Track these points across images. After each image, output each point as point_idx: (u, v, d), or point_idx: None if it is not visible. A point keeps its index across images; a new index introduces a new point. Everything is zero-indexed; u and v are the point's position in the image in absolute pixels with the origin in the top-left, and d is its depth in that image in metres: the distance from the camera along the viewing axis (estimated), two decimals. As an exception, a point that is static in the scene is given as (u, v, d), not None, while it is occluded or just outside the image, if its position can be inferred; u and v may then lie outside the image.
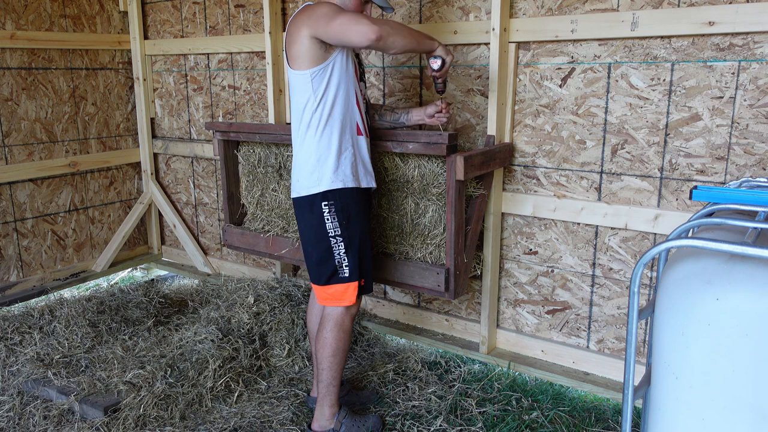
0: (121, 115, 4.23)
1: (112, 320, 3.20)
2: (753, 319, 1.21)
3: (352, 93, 2.24)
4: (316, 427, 2.36)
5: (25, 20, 3.63)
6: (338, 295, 2.27)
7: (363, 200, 2.31)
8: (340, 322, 2.29)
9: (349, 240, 2.24)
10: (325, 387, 2.34)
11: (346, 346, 2.32)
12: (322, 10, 2.11)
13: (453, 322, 3.12)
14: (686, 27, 2.28)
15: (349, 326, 2.31)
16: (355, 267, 2.26)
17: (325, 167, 2.20)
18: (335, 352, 2.30)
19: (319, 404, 2.36)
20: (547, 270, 2.83)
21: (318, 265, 2.28)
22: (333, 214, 2.21)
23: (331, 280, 2.26)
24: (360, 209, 2.27)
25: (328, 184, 2.20)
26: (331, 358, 2.30)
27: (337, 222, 2.22)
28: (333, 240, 2.23)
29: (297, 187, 2.28)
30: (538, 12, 2.63)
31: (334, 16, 2.07)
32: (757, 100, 2.23)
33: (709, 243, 1.26)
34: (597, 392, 2.64)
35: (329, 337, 2.29)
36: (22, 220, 3.74)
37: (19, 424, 2.50)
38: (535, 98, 2.71)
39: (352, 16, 2.08)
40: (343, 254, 2.24)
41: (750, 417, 1.24)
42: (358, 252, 2.26)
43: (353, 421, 2.37)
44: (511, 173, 2.83)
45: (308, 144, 2.22)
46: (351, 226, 2.24)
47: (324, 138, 2.19)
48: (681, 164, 2.41)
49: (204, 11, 3.84)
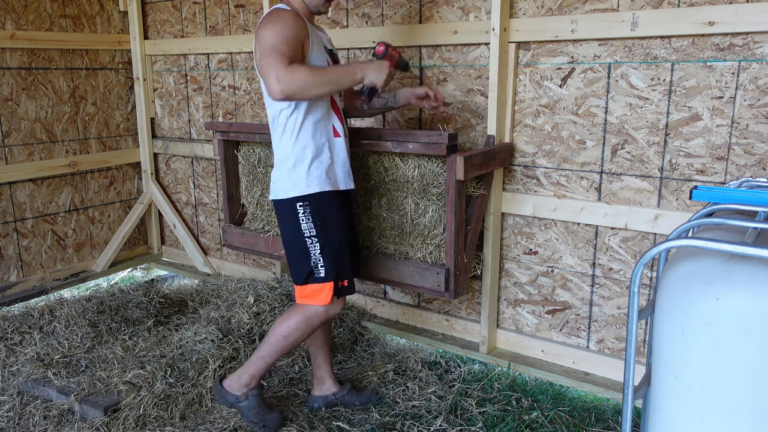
0: (121, 115, 4.23)
1: (112, 320, 3.20)
2: (753, 319, 1.21)
3: (327, 96, 2.26)
4: (226, 384, 2.41)
5: (25, 20, 3.63)
6: (314, 294, 2.30)
7: (340, 202, 2.34)
8: (310, 316, 2.31)
9: (324, 241, 2.27)
10: (258, 357, 2.37)
11: (300, 338, 2.34)
12: (261, 36, 2.10)
13: (453, 322, 3.12)
14: (686, 27, 2.28)
15: (314, 324, 2.33)
16: (331, 268, 2.28)
17: (300, 171, 2.23)
18: (287, 337, 2.32)
19: (242, 368, 2.40)
20: (547, 270, 2.83)
21: (296, 265, 2.32)
22: (308, 215, 2.25)
23: (308, 279, 2.30)
24: (337, 211, 2.30)
25: (303, 188, 2.23)
26: (279, 338, 2.33)
27: (312, 223, 2.25)
28: (309, 241, 2.26)
29: (275, 188, 2.31)
30: (538, 12, 2.63)
31: (264, 52, 2.06)
32: (757, 100, 2.23)
33: (709, 243, 1.26)
34: (597, 392, 2.64)
35: (292, 321, 2.32)
36: (22, 220, 3.74)
37: (19, 424, 2.50)
38: (535, 98, 2.71)
39: (270, 64, 2.03)
40: (319, 255, 2.27)
41: (750, 417, 1.24)
42: (333, 253, 2.29)
43: (257, 404, 2.39)
44: (511, 173, 2.83)
45: (284, 147, 2.26)
46: (326, 228, 2.27)
47: (299, 142, 2.22)
48: (681, 164, 2.41)
49: (204, 11, 3.84)
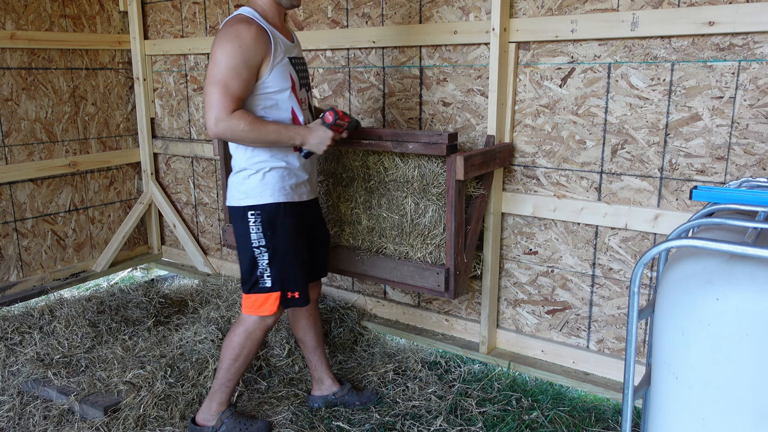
0: (121, 115, 4.23)
1: (112, 320, 3.20)
2: (753, 319, 1.21)
3: (287, 107, 2.23)
4: (199, 419, 2.39)
5: (25, 20, 3.63)
6: (258, 303, 2.28)
7: (298, 213, 2.30)
8: (251, 331, 2.29)
9: (273, 251, 2.24)
10: (218, 385, 2.36)
11: (250, 355, 2.33)
12: (215, 54, 2.06)
13: (453, 322, 3.12)
14: (686, 27, 2.28)
15: (258, 337, 2.31)
16: (277, 278, 2.26)
17: (254, 181, 2.21)
18: (237, 357, 2.31)
19: (208, 399, 2.39)
20: (547, 270, 2.83)
21: (244, 273, 2.30)
22: (258, 225, 2.22)
23: (253, 288, 2.28)
24: (289, 222, 2.26)
25: (255, 198, 2.21)
26: (231, 361, 2.31)
27: (261, 233, 2.23)
28: (257, 250, 2.24)
29: (229, 194, 2.30)
30: (538, 12, 2.63)
31: (212, 79, 2.04)
32: (757, 100, 2.23)
33: (709, 243, 1.26)
34: (597, 392, 2.64)
35: (235, 341, 2.30)
36: (22, 220, 3.74)
37: (19, 424, 2.50)
38: (535, 98, 2.71)
39: (213, 102, 2.03)
40: (267, 265, 2.25)
41: (750, 417, 1.24)
42: (282, 264, 2.26)
43: (237, 422, 2.38)
44: (511, 173, 2.83)
45: (239, 155, 2.23)
46: (276, 238, 2.24)
47: (256, 153, 2.20)
48: (681, 164, 2.41)
49: (204, 11, 3.84)
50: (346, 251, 2.88)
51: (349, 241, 2.92)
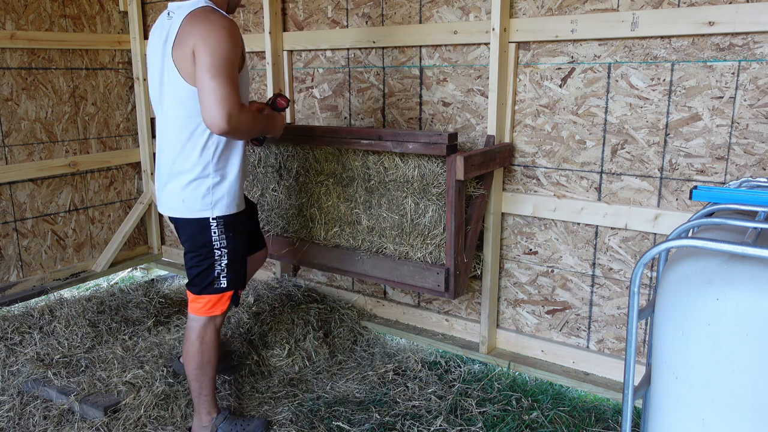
0: (121, 115, 4.23)
1: (112, 320, 3.20)
2: (753, 319, 1.21)
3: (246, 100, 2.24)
4: (195, 431, 2.38)
5: (25, 20, 3.63)
6: (212, 304, 2.26)
7: (244, 213, 2.32)
8: (202, 334, 2.27)
9: (234, 253, 2.24)
10: (196, 397, 2.33)
11: (212, 358, 2.30)
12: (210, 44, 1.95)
13: (453, 322, 3.12)
14: (686, 27, 2.28)
15: (211, 338, 2.28)
16: (232, 278, 2.26)
17: (220, 191, 2.16)
18: (200, 365, 2.28)
19: (196, 413, 2.36)
20: (547, 270, 2.83)
21: (197, 275, 2.25)
22: (221, 227, 2.19)
23: (206, 290, 2.25)
24: (243, 221, 2.30)
25: (222, 209, 2.18)
26: (197, 372, 2.28)
27: (224, 236, 2.21)
28: (218, 252, 2.21)
29: (186, 206, 2.17)
30: (538, 12, 2.63)
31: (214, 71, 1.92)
32: (757, 100, 2.23)
33: (709, 243, 1.26)
34: (597, 392, 2.64)
35: (192, 351, 2.27)
36: (22, 220, 3.74)
37: (19, 424, 2.50)
38: (535, 98, 2.71)
39: (221, 90, 1.92)
40: (225, 266, 2.23)
41: (750, 417, 1.24)
42: (238, 264, 2.28)
43: (232, 424, 2.37)
44: (511, 173, 2.83)
45: (201, 160, 2.12)
46: (236, 239, 2.24)
47: (221, 161, 2.15)
48: (681, 164, 2.41)
49: (204, 11, 3.84)
50: (346, 251, 2.88)
51: (349, 241, 2.92)
